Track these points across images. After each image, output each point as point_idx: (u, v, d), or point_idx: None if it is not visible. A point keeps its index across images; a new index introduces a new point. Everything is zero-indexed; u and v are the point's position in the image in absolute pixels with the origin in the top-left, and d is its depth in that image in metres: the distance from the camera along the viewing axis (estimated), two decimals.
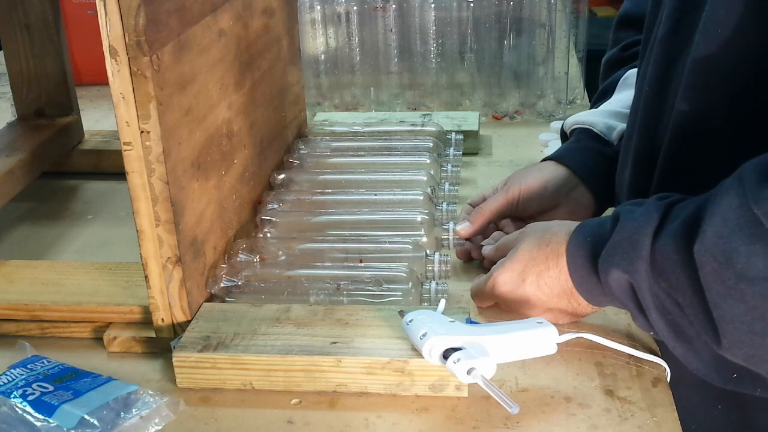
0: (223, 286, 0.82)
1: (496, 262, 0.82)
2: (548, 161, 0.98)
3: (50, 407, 0.67)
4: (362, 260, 0.86)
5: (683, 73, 0.73)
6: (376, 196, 0.99)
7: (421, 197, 0.97)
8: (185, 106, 0.76)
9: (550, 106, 1.39)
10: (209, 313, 0.78)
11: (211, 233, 0.83)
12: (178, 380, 0.74)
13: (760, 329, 0.60)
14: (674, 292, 0.65)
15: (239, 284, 0.83)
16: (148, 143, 0.71)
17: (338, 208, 0.98)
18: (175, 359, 0.73)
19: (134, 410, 0.69)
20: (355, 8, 1.36)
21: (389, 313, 0.76)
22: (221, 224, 0.86)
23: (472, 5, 1.34)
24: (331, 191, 1.02)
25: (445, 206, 0.97)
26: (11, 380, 0.71)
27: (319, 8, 1.37)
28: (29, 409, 0.68)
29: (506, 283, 0.78)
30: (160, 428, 0.69)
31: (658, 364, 0.74)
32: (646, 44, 0.83)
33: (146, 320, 0.79)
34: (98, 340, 0.81)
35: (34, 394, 0.69)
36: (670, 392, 0.71)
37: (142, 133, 0.70)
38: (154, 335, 0.79)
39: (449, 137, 1.17)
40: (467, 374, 0.67)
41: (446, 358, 0.68)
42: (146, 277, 0.76)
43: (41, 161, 1.13)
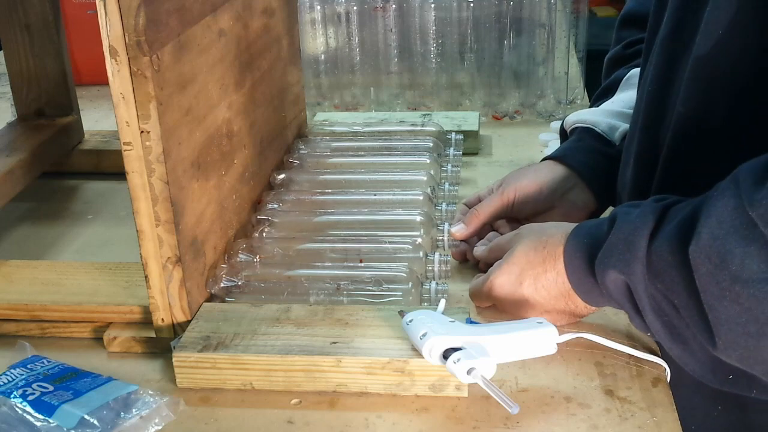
0: (223, 286, 0.82)
1: (490, 263, 0.82)
2: (547, 161, 0.97)
3: (50, 407, 0.67)
4: (362, 260, 0.86)
5: (685, 73, 0.73)
6: (376, 196, 0.98)
7: (421, 197, 0.97)
8: (185, 106, 0.76)
9: (550, 106, 1.39)
10: (209, 313, 0.78)
11: (211, 233, 0.83)
12: (178, 380, 0.74)
13: (754, 331, 0.60)
14: (670, 293, 0.65)
15: (239, 284, 0.83)
16: (148, 143, 0.71)
17: (338, 208, 0.97)
18: (175, 359, 0.73)
19: (134, 410, 0.69)
20: (355, 8, 1.36)
21: (389, 313, 0.76)
22: (221, 224, 0.86)
23: (472, 5, 1.34)
24: (331, 191, 1.02)
25: (444, 206, 0.97)
26: (11, 380, 0.71)
27: (319, 8, 1.37)
28: (29, 409, 0.68)
29: (503, 285, 0.78)
30: (160, 428, 0.69)
31: (658, 364, 0.74)
32: (649, 44, 0.83)
33: (146, 320, 0.79)
34: (98, 340, 0.81)
35: (34, 394, 0.69)
36: (670, 392, 0.71)
37: (142, 133, 0.70)
38: (154, 335, 0.79)
39: (449, 137, 1.17)
40: (467, 374, 0.67)
41: (446, 358, 0.68)
42: (146, 277, 0.76)
43: (41, 161, 1.13)
